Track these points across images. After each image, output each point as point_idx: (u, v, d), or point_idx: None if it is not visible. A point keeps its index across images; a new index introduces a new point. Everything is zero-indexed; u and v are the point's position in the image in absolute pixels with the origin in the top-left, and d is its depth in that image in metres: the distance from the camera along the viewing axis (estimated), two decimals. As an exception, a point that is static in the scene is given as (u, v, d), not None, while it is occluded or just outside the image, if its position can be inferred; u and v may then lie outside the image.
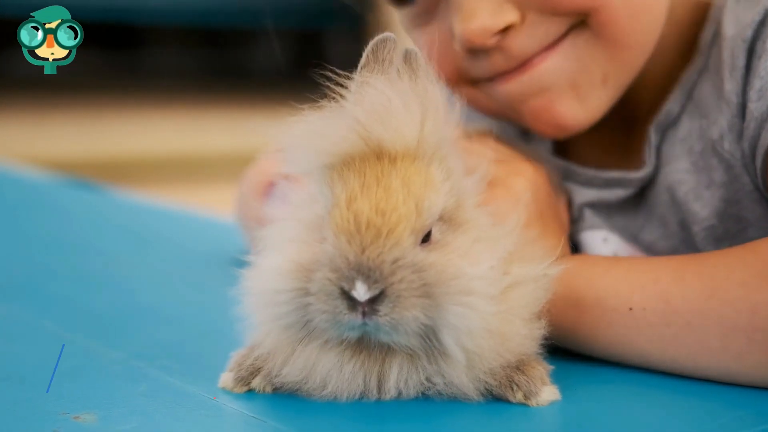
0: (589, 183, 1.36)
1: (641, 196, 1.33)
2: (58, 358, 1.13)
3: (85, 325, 1.32)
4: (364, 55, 1.03)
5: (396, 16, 1.31)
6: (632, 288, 1.11)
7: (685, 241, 1.30)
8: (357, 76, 1.01)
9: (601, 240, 1.34)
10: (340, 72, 1.00)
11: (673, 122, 1.29)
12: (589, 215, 1.35)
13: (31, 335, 1.29)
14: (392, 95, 0.97)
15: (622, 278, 1.12)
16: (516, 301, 1.01)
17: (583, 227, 1.35)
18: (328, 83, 1.00)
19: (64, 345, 0.91)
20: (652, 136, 1.30)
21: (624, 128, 1.37)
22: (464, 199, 1.02)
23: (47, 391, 1.04)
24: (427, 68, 1.02)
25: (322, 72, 1.00)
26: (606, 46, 1.22)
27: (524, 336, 1.02)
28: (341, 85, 1.00)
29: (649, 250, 1.32)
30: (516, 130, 1.43)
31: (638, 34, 1.23)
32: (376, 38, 1.03)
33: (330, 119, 0.98)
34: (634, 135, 1.36)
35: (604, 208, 1.35)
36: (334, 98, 0.99)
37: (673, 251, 1.30)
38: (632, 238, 1.33)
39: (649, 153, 1.31)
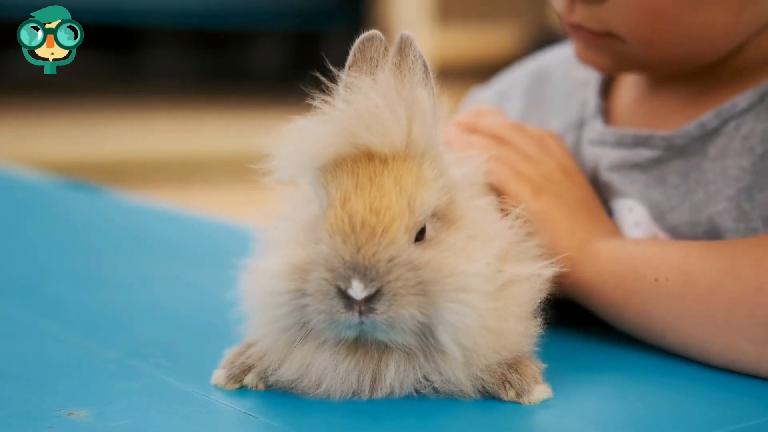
0: (619, 143, 1.34)
1: (687, 173, 1.29)
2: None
3: (81, 324, 1.32)
4: (351, 53, 1.03)
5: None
6: (662, 260, 1.16)
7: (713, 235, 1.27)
8: (344, 75, 1.01)
9: (627, 209, 1.33)
10: (334, 75, 1.01)
11: (734, 116, 1.26)
12: (618, 182, 1.33)
13: (27, 333, 1.29)
14: (378, 100, 0.97)
15: (657, 252, 1.17)
16: (511, 299, 1.01)
17: (613, 195, 1.34)
18: (322, 86, 1.00)
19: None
20: (711, 119, 1.27)
21: (690, 94, 1.35)
22: (457, 196, 1.03)
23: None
24: (422, 57, 1.01)
25: (317, 76, 1.00)
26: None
27: (520, 334, 1.02)
28: (332, 88, 1.00)
29: (672, 232, 1.29)
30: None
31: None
32: (363, 36, 1.03)
33: (318, 124, 0.99)
34: (695, 103, 1.34)
35: (639, 178, 1.32)
36: (324, 101, 0.99)
37: (696, 239, 1.28)
38: (659, 216, 1.30)
39: (694, 127, 1.28)
